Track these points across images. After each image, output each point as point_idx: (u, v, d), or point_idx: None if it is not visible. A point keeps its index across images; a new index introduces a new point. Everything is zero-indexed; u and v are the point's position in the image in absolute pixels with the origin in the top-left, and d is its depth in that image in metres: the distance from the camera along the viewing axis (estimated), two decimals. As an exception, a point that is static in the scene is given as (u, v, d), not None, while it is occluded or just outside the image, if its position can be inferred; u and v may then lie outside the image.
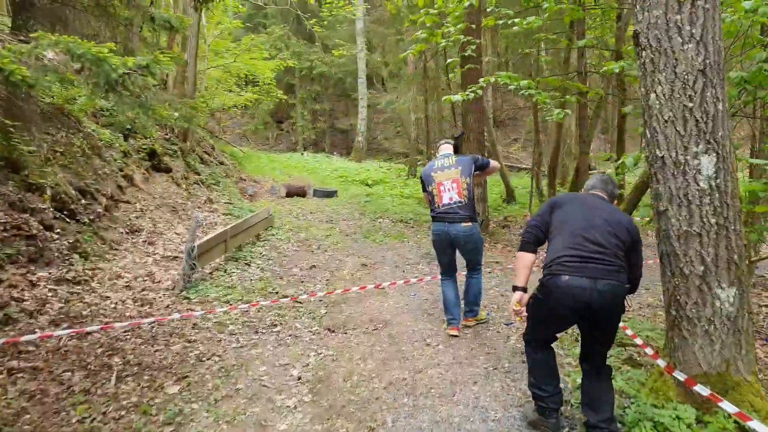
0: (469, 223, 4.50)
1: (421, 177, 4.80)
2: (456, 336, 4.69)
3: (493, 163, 4.89)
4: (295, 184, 14.33)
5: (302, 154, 22.92)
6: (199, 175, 11.43)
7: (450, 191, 4.52)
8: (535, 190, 13.60)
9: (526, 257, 3.07)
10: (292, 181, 16.33)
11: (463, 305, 4.97)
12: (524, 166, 23.71)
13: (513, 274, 4.13)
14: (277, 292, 6.11)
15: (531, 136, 25.36)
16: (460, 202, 4.50)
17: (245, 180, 15.17)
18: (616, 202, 3.30)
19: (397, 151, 26.97)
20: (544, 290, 2.91)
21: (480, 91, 4.32)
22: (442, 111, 12.98)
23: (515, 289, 3.07)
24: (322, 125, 26.24)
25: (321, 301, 5.78)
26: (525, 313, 3.06)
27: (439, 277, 5.00)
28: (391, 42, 17.45)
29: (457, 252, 4.77)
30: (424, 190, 4.77)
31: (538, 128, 13.91)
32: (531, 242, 3.09)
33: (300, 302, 5.70)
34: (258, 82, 18.89)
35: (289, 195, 13.61)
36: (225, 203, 11.06)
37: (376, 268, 7.14)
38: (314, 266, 7.35)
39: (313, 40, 25.00)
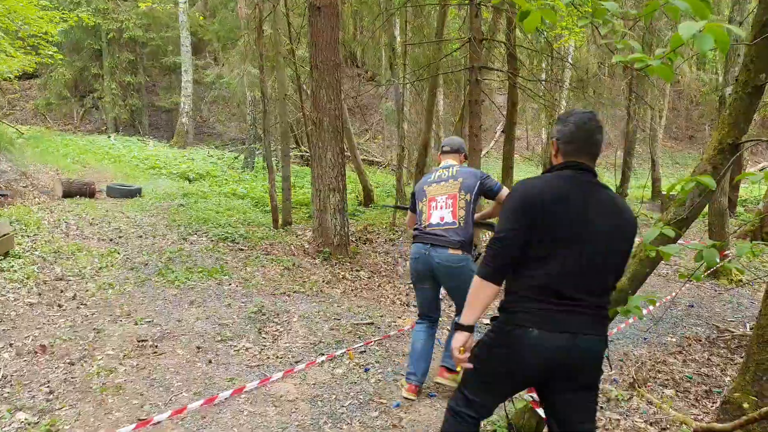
0: (458, 252, 3.28)
1: (412, 193, 3.66)
2: (412, 399, 3.44)
3: (505, 189, 3.38)
4: (78, 180, 10.27)
5: (109, 137, 18.23)
6: None
7: (442, 209, 3.39)
8: (401, 190, 11.19)
9: (489, 290, 2.06)
10: (82, 174, 12.15)
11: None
12: (378, 159, 21.48)
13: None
14: None
15: (384, 125, 23.22)
16: (452, 223, 3.33)
17: (6, 172, 10.75)
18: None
19: (234, 136, 23.22)
20: (505, 341, 2.08)
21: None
22: (286, 87, 10.05)
23: (459, 327, 2.13)
24: (137, 102, 21.42)
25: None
26: (468, 364, 2.16)
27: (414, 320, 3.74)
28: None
29: None
30: (413, 209, 3.64)
31: (402, 116, 11.49)
32: (500, 271, 2.05)
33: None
34: (37, 38, 13.99)
35: (68, 195, 9.56)
36: (-61, 212, 6.99)
37: (160, 354, 3.90)
38: (44, 348, 3.95)
39: (124, -4, 20.13)
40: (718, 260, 1.77)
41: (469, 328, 2.13)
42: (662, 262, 8.57)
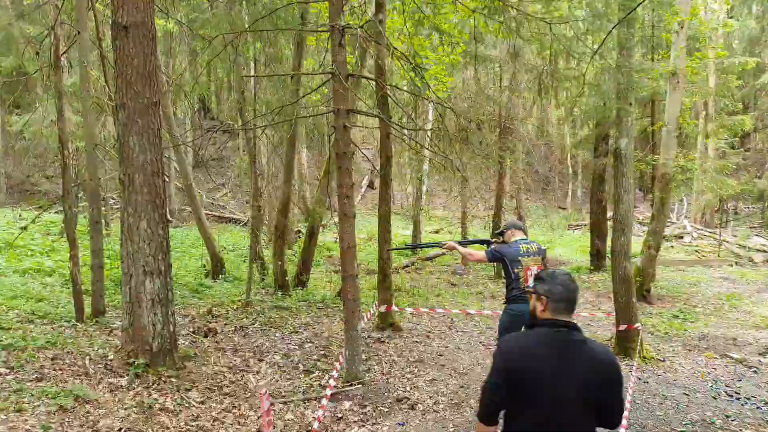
0: None
1: (502, 255, 5.01)
2: None
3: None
4: None
5: None
6: None
7: (533, 276, 4.84)
8: (257, 259, 9.26)
9: (483, 429, 2.27)
10: None
11: None
12: (236, 216, 19.27)
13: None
14: None
15: (243, 180, 21.13)
16: None
17: None
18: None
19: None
20: None
21: None
22: (96, 135, 7.79)
23: None
24: (-74, 155, 17.30)
25: None
26: None
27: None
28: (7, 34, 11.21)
29: None
30: (498, 261, 5.10)
31: (256, 170, 9.70)
32: (488, 415, 2.24)
33: None
34: None
35: None
36: None
37: None
38: None
39: None
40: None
41: None
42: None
